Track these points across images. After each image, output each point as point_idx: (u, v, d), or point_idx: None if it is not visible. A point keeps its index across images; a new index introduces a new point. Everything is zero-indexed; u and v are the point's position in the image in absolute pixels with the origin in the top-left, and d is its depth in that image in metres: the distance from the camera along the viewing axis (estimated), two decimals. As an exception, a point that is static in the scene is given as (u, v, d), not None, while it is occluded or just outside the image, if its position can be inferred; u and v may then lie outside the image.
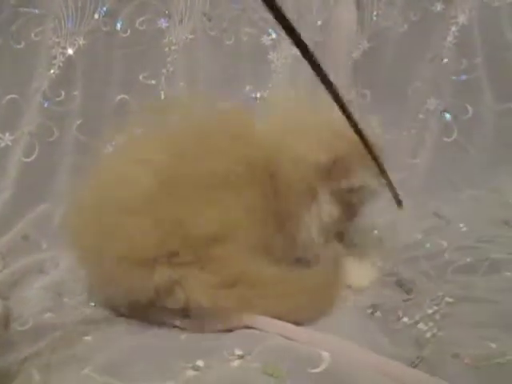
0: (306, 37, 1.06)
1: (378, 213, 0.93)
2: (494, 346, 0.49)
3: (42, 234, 0.90)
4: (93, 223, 0.59)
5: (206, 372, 0.46)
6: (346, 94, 1.05)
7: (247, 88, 1.05)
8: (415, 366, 0.51)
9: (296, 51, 1.05)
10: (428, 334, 0.55)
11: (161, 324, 0.58)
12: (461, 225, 0.82)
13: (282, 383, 0.45)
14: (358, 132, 0.53)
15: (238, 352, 0.49)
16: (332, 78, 1.05)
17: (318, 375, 0.45)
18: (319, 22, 1.04)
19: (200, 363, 0.47)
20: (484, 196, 0.95)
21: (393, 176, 1.02)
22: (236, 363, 0.47)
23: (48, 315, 0.64)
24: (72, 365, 0.47)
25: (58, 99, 1.00)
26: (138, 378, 0.45)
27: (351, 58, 1.05)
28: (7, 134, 0.99)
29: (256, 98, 1.05)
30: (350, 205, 0.71)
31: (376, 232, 0.88)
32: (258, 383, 0.44)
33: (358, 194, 0.70)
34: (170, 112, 0.72)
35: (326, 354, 0.47)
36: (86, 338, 0.53)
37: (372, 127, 0.69)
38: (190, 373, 0.45)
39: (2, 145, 0.98)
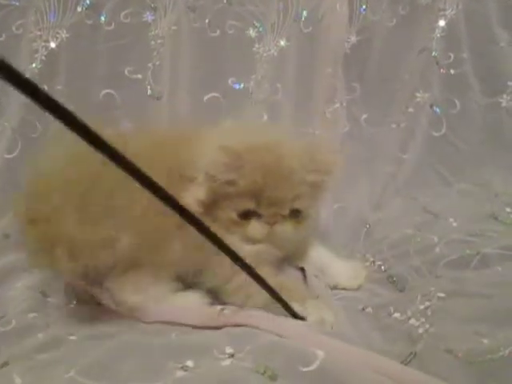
0: (293, 27, 1.04)
1: (368, 208, 0.93)
2: (486, 341, 0.49)
3: (24, 233, 0.87)
4: None
5: (196, 372, 0.45)
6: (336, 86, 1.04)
7: (230, 80, 1.03)
8: (408, 362, 0.50)
9: (283, 44, 1.03)
10: (420, 330, 0.55)
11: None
12: (450, 219, 0.82)
13: (273, 382, 0.44)
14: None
15: (229, 350, 0.48)
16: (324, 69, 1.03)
17: (311, 374, 0.44)
18: (305, 13, 1.03)
19: (190, 363, 0.45)
20: (473, 190, 0.95)
21: (382, 170, 1.03)
22: (227, 362, 0.46)
23: (32, 315, 0.62)
24: (56, 367, 0.45)
25: (40, 94, 0.98)
26: (125, 379, 0.44)
27: (343, 50, 1.04)
28: (-12, 130, 0.96)
29: (239, 89, 1.03)
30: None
31: (367, 226, 0.88)
32: (249, 382, 0.43)
33: None
34: None
35: (319, 353, 0.46)
36: (72, 337, 0.51)
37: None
38: (180, 373, 0.44)
39: (-17, 141, 0.96)
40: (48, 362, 0.47)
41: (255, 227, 0.65)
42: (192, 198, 0.63)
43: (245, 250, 0.62)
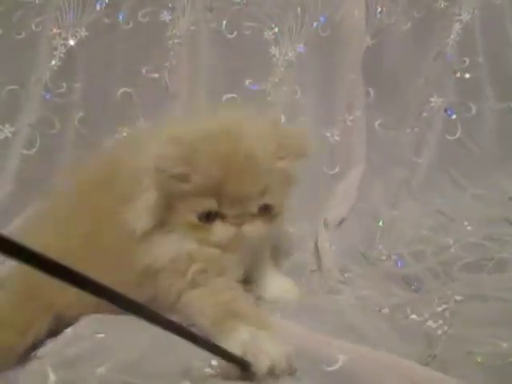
0: (310, 31, 1.03)
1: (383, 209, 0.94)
2: (505, 345, 0.50)
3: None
4: None
5: (223, 370, 0.46)
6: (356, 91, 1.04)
7: (247, 81, 1.04)
8: (427, 364, 0.51)
9: (301, 48, 1.03)
10: (439, 332, 0.55)
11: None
12: (465, 223, 0.83)
13: (297, 381, 0.45)
14: None
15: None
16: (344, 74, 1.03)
17: (334, 373, 0.45)
18: (322, 18, 1.03)
19: (215, 363, 0.46)
20: (486, 194, 0.96)
21: (396, 174, 1.04)
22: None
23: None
24: (87, 363, 0.46)
25: (59, 91, 0.99)
26: (155, 376, 0.45)
27: (361, 55, 1.04)
28: (7, 126, 0.97)
29: (256, 90, 1.04)
30: None
31: (381, 224, 0.88)
32: (274, 381, 0.44)
33: None
34: None
35: (341, 355, 0.47)
36: (99, 335, 0.53)
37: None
38: (208, 371, 0.45)
39: (2, 136, 0.97)
40: (78, 356, 0.48)
41: (220, 229, 0.55)
42: (141, 207, 0.55)
43: (199, 253, 0.56)
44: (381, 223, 0.88)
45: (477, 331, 0.54)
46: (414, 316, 0.61)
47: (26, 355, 0.53)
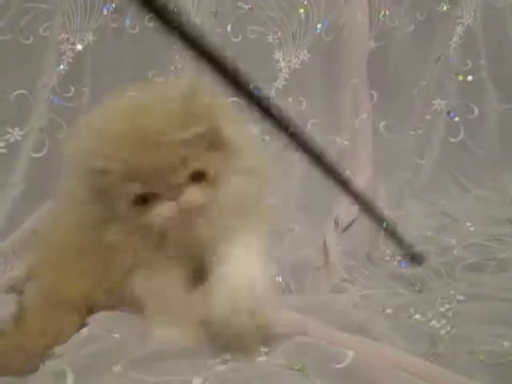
0: (314, 36, 1.04)
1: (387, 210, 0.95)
2: (506, 344, 0.51)
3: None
4: None
5: (234, 367, 0.47)
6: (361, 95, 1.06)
7: (251, 86, 1.05)
8: (430, 363, 0.52)
9: (305, 54, 1.04)
10: (442, 331, 0.57)
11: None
12: (468, 224, 0.84)
13: (306, 378, 0.47)
14: None
15: (263, 349, 0.50)
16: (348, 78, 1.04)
17: (342, 370, 0.47)
18: (326, 22, 1.05)
19: (228, 357, 0.48)
20: (489, 195, 0.97)
21: (400, 175, 1.05)
22: (262, 359, 0.49)
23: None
24: (103, 362, 0.48)
25: (67, 95, 1.01)
26: (169, 373, 0.46)
27: (365, 58, 1.06)
28: (17, 129, 0.99)
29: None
30: None
31: (385, 225, 0.90)
32: (284, 378, 0.46)
33: None
34: None
35: (349, 351, 0.48)
36: (114, 335, 0.54)
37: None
38: (219, 368, 0.47)
39: (12, 140, 0.99)
40: (95, 355, 0.49)
41: (160, 209, 0.53)
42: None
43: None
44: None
45: (479, 330, 0.55)
46: (417, 316, 0.62)
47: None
